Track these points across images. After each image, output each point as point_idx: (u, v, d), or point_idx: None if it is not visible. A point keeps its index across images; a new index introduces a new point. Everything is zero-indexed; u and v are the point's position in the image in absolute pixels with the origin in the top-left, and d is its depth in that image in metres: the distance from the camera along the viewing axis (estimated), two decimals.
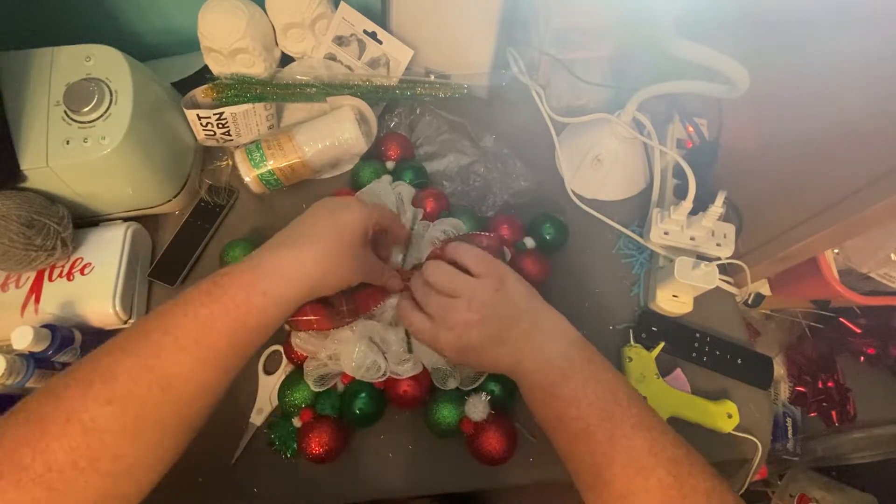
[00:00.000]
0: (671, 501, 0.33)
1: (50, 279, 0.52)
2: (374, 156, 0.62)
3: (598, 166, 0.61)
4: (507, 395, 0.49)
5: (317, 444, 0.47)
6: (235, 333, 0.36)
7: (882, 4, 0.41)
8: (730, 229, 0.54)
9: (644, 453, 0.35)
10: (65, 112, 0.49)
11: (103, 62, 0.50)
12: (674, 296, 0.54)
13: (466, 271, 0.45)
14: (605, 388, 0.39)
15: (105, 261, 0.53)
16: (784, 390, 0.89)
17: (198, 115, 0.57)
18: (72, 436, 0.30)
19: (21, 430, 0.30)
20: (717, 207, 0.50)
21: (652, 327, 0.55)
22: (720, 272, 0.52)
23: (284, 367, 0.53)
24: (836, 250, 0.62)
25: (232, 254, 0.55)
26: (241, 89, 0.58)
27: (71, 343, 0.49)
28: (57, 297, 0.52)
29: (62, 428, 0.30)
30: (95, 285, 0.52)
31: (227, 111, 0.57)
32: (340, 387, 0.51)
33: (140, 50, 0.56)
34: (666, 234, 0.54)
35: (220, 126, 0.58)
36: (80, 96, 0.48)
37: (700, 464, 0.36)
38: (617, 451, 0.35)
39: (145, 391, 0.32)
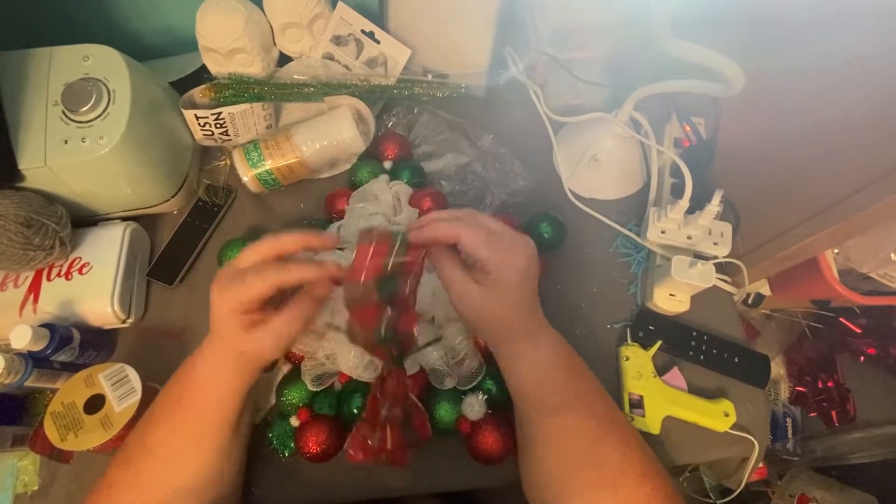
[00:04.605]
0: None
1: (48, 279, 0.52)
2: (371, 155, 0.62)
3: (596, 165, 0.61)
4: (504, 395, 0.49)
5: (314, 443, 0.47)
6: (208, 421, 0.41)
7: (881, 1, 0.41)
8: (727, 228, 0.54)
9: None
10: (63, 112, 0.49)
11: (101, 62, 0.51)
12: (671, 294, 0.54)
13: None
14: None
15: (103, 260, 0.54)
16: (784, 390, 0.89)
17: (195, 114, 0.57)
18: None
19: None
20: (714, 206, 0.50)
21: (649, 326, 0.55)
22: (717, 271, 0.52)
23: (282, 367, 0.53)
24: (836, 250, 0.62)
25: (230, 253, 0.55)
26: (239, 89, 0.59)
27: (69, 342, 0.50)
28: (55, 296, 0.52)
29: None
30: (94, 285, 0.52)
31: (225, 111, 0.57)
32: (338, 386, 0.51)
33: (138, 50, 0.56)
34: (663, 232, 0.54)
35: (218, 126, 0.58)
36: (78, 96, 0.49)
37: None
38: None
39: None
